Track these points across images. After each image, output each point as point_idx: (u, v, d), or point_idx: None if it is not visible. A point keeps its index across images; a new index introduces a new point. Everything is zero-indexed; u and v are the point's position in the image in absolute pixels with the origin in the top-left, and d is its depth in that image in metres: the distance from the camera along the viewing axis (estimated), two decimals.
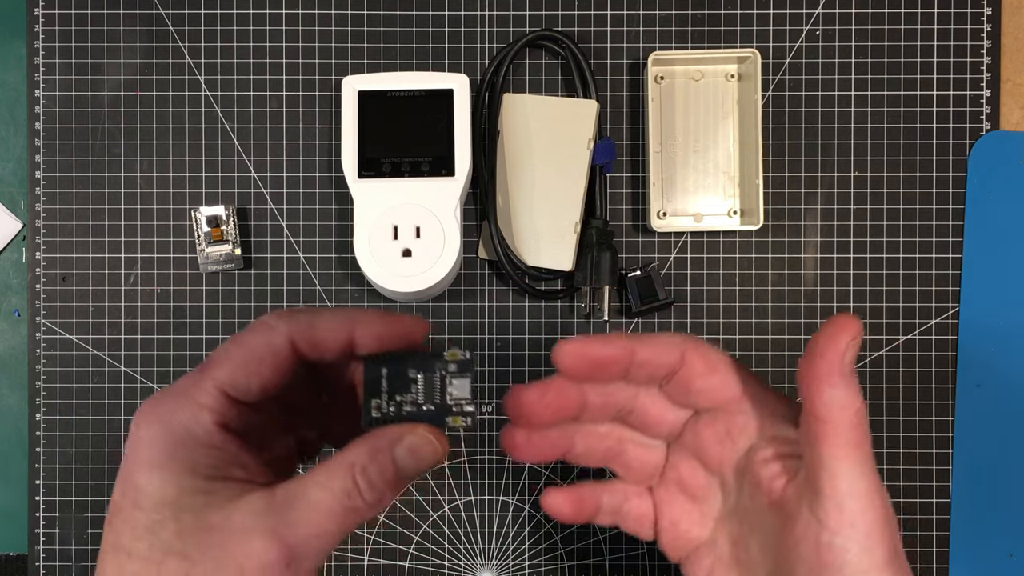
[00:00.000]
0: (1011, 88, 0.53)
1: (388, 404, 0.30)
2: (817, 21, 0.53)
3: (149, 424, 0.27)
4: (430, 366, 0.30)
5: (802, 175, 0.53)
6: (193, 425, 0.27)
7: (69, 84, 0.53)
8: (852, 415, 0.28)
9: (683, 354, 0.31)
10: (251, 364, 0.28)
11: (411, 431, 0.29)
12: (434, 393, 0.30)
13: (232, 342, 0.28)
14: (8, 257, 0.54)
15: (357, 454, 0.28)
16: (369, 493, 0.27)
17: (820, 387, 0.28)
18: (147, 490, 0.26)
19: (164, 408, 0.27)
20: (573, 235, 0.51)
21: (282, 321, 0.29)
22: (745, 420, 0.32)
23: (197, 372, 0.28)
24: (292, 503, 0.27)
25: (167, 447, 0.27)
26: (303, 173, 0.53)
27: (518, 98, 0.52)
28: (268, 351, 0.28)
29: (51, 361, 0.53)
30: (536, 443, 0.32)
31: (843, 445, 0.28)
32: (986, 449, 0.52)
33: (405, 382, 0.30)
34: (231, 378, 0.28)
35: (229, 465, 0.28)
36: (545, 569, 0.53)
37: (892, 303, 0.53)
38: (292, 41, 0.53)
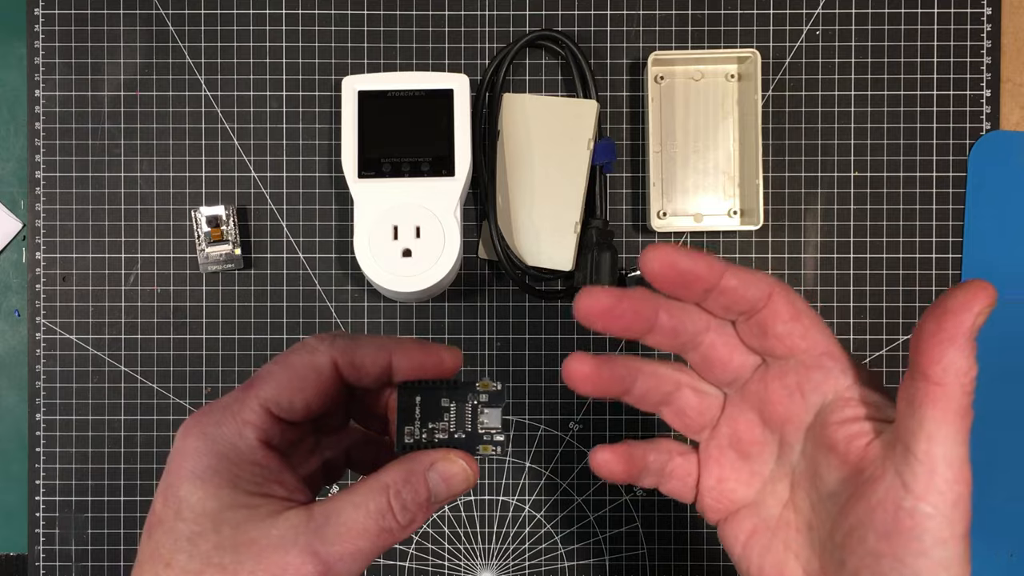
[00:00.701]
0: (1011, 88, 0.53)
1: (421, 431, 0.31)
2: (817, 21, 0.53)
3: (195, 437, 0.28)
4: (462, 396, 0.31)
5: (802, 175, 0.53)
6: (237, 440, 0.28)
7: (69, 84, 0.53)
8: (967, 383, 0.27)
9: (771, 294, 0.30)
10: (295, 383, 0.29)
11: (445, 457, 0.30)
12: (465, 422, 0.31)
13: (277, 362, 0.30)
14: (8, 257, 0.54)
15: (393, 476, 0.29)
16: (402, 515, 0.28)
17: (943, 348, 0.27)
18: (190, 501, 0.27)
19: (210, 422, 0.28)
20: (573, 235, 0.51)
21: (325, 343, 0.30)
22: (821, 376, 0.30)
23: (243, 388, 0.29)
24: (329, 520, 0.28)
25: (211, 460, 0.28)
26: (303, 173, 0.53)
27: (518, 98, 0.52)
28: (312, 371, 0.29)
29: (51, 361, 0.53)
30: (601, 375, 0.31)
31: (951, 411, 0.27)
32: (985, 449, 0.52)
33: (438, 410, 0.31)
34: (275, 396, 0.29)
35: (270, 482, 0.28)
36: (545, 569, 0.53)
37: (892, 303, 0.53)
38: (292, 41, 0.53)
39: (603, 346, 0.53)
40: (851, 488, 0.29)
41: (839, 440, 0.29)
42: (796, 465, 0.31)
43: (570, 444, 0.53)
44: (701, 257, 0.30)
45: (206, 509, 0.27)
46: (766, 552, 0.31)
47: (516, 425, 0.53)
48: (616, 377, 0.32)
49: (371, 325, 0.53)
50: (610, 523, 0.53)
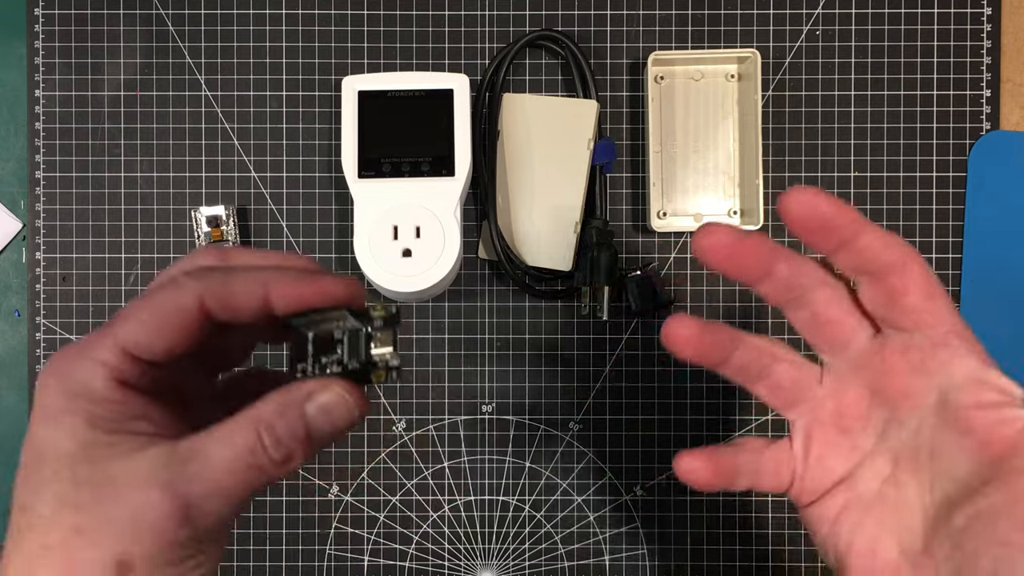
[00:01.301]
0: (1011, 88, 0.53)
1: (313, 367, 0.28)
2: (817, 21, 0.53)
3: (49, 379, 0.26)
4: (354, 324, 0.28)
5: (802, 175, 0.53)
6: (90, 379, 0.26)
7: (69, 84, 0.53)
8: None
9: (906, 262, 0.29)
10: (156, 322, 0.26)
11: (325, 387, 0.27)
12: (360, 351, 0.28)
13: (142, 297, 0.27)
14: (8, 257, 0.54)
15: (264, 409, 0.26)
16: (275, 450, 0.26)
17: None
18: (47, 443, 0.26)
19: (63, 363, 0.27)
20: (573, 235, 0.51)
21: (192, 279, 0.27)
22: (948, 355, 0.29)
23: (102, 329, 0.27)
24: (193, 456, 0.26)
25: (64, 401, 0.26)
26: (303, 173, 0.53)
27: (518, 98, 0.52)
28: (175, 311, 0.27)
29: None
30: (704, 340, 0.30)
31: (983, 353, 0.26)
32: None
33: (331, 343, 0.28)
34: (134, 337, 0.26)
35: (132, 419, 0.26)
36: (545, 569, 0.53)
37: None
38: (292, 41, 0.53)
39: (601, 335, 0.53)
40: (988, 474, 0.28)
41: (979, 425, 0.28)
42: (906, 442, 0.30)
43: (570, 444, 0.53)
44: (845, 206, 0.29)
45: (63, 451, 0.26)
46: (857, 528, 0.30)
47: (516, 425, 0.53)
48: (719, 343, 0.31)
49: None
50: (610, 523, 0.53)
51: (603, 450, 0.53)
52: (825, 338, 0.31)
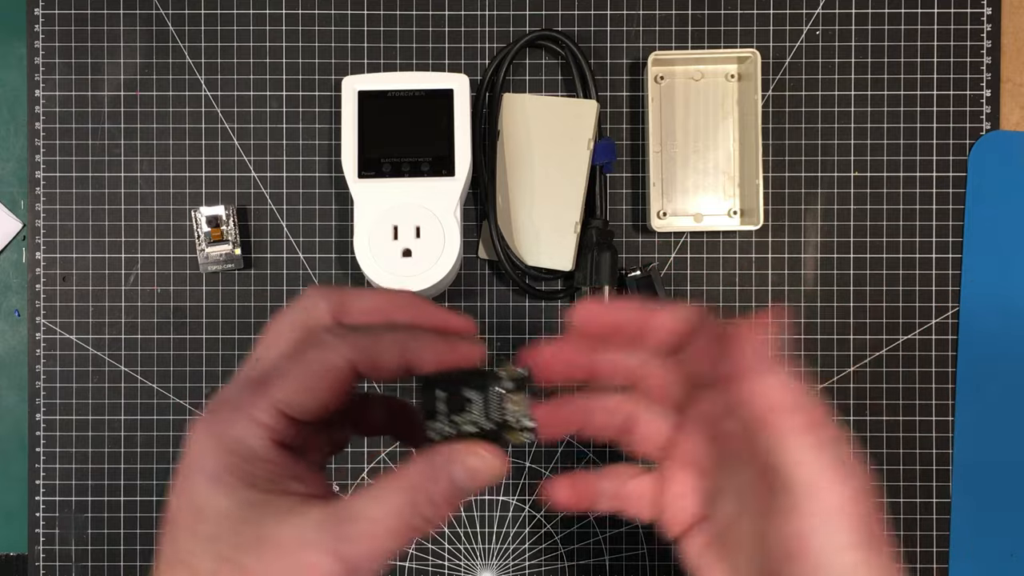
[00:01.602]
0: (1011, 88, 0.53)
1: (447, 425, 0.29)
2: (817, 21, 0.53)
3: (206, 438, 0.27)
4: (487, 384, 0.30)
5: (802, 175, 0.53)
6: (250, 441, 0.27)
7: (69, 84, 0.53)
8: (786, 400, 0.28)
9: (695, 327, 0.31)
10: (310, 384, 0.27)
11: (471, 451, 0.28)
12: (493, 411, 0.30)
13: (292, 359, 0.28)
14: (8, 257, 0.54)
15: (417, 472, 0.28)
16: (428, 510, 0.27)
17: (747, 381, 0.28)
18: (207, 502, 0.27)
19: (220, 422, 0.27)
20: (573, 235, 0.51)
21: (342, 341, 0.28)
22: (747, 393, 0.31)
23: (254, 386, 0.28)
24: (351, 518, 0.27)
25: (225, 462, 0.27)
26: (303, 173, 0.53)
27: (518, 98, 0.52)
28: (328, 372, 0.28)
29: (51, 361, 0.53)
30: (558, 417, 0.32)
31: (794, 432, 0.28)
32: (986, 449, 0.52)
33: (462, 402, 0.30)
34: (289, 398, 0.27)
35: (287, 479, 0.28)
36: (545, 569, 0.53)
37: (892, 303, 0.53)
38: (292, 41, 0.53)
39: None
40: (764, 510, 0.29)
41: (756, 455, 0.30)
42: (742, 481, 0.32)
43: (570, 444, 0.53)
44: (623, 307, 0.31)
45: (224, 509, 0.26)
46: (717, 562, 0.32)
47: None
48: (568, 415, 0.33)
49: None
50: (610, 523, 0.53)
51: (603, 450, 0.53)
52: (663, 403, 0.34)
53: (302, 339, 0.29)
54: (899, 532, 0.52)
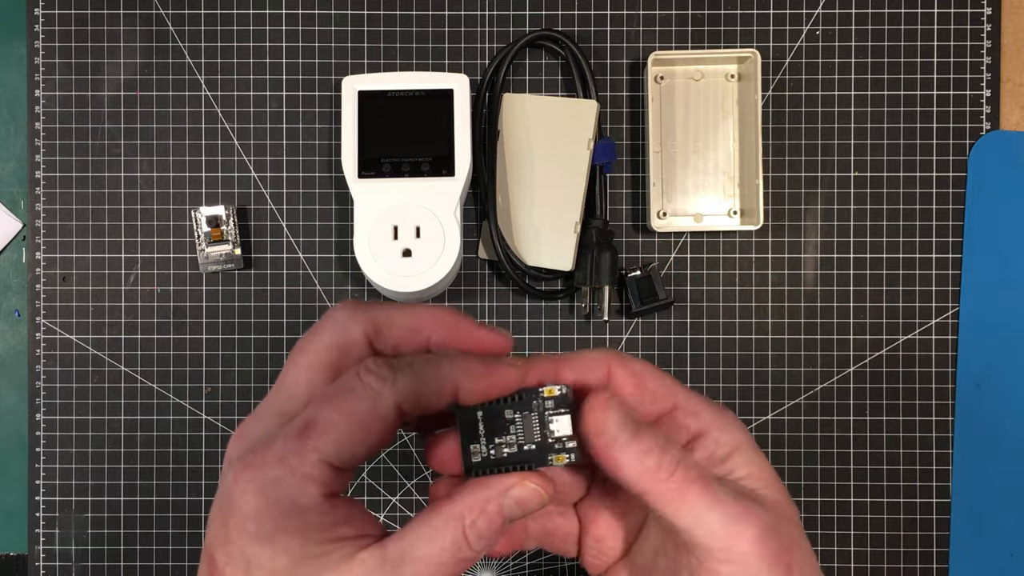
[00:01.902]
0: (1011, 88, 0.53)
1: (488, 448, 0.29)
2: (817, 21, 0.53)
3: (252, 495, 0.26)
4: (525, 404, 0.29)
5: (802, 175, 0.53)
6: (300, 497, 0.26)
7: (69, 84, 0.53)
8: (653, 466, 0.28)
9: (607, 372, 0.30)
10: (358, 436, 0.27)
11: (519, 483, 0.28)
12: (534, 432, 0.29)
13: (335, 409, 0.27)
14: (8, 257, 0.54)
15: (467, 507, 0.27)
16: (478, 544, 0.27)
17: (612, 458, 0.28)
18: (259, 561, 0.26)
19: (267, 478, 0.26)
20: (573, 235, 0.51)
21: (388, 387, 0.27)
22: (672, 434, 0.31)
23: (297, 439, 0.27)
24: (405, 559, 0.27)
25: (276, 521, 0.26)
26: (303, 173, 0.53)
27: (518, 98, 0.52)
28: (374, 420, 0.27)
29: (51, 361, 0.53)
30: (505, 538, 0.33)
31: (675, 499, 0.28)
32: (986, 449, 0.52)
33: (502, 423, 0.29)
34: (337, 450, 0.26)
35: (338, 526, 0.27)
36: (545, 569, 0.53)
37: (892, 303, 0.53)
38: (292, 41, 0.53)
39: (601, 335, 0.53)
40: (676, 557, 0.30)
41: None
42: (653, 527, 0.32)
43: None
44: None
45: (278, 566, 0.26)
46: None
47: None
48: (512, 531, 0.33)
49: None
50: None
51: None
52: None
53: (339, 370, 0.28)
54: (899, 532, 0.52)
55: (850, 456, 0.52)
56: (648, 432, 0.28)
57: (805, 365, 0.53)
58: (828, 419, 0.53)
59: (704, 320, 0.53)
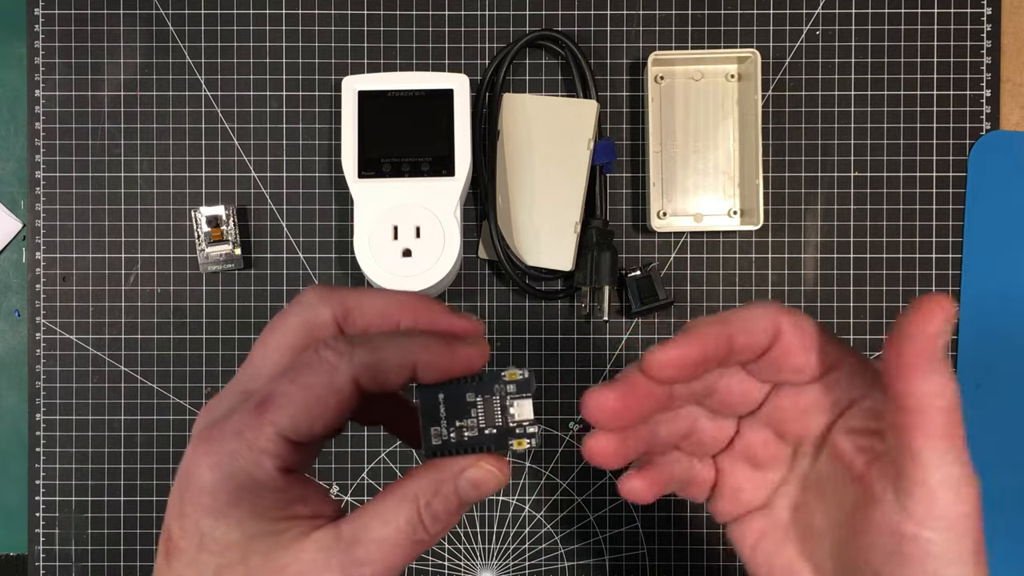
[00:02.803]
0: (1011, 88, 0.53)
1: (448, 431, 0.28)
2: (817, 21, 0.53)
3: (208, 468, 0.26)
4: (488, 388, 0.29)
5: (802, 175, 0.53)
6: (255, 471, 0.26)
7: (69, 84, 0.53)
8: (946, 404, 0.27)
9: (776, 331, 0.30)
10: (314, 408, 0.26)
11: (474, 464, 0.28)
12: (495, 416, 0.29)
13: (292, 381, 0.27)
14: (8, 257, 0.54)
15: (421, 487, 0.27)
16: (433, 526, 0.27)
17: (909, 376, 0.27)
18: (213, 535, 0.26)
19: (223, 452, 0.26)
20: (573, 235, 0.51)
21: (344, 360, 0.27)
22: (835, 391, 0.30)
23: (255, 411, 0.26)
24: (359, 539, 0.27)
25: (230, 494, 0.26)
26: (303, 173, 0.53)
27: (518, 98, 0.52)
28: (331, 393, 0.27)
29: (51, 361, 0.53)
30: (626, 449, 0.31)
31: (937, 436, 0.26)
32: (986, 449, 0.52)
33: (464, 406, 0.29)
34: (293, 424, 0.26)
35: (293, 503, 0.27)
36: (545, 569, 0.53)
37: (892, 303, 0.53)
38: (292, 41, 0.53)
39: (601, 335, 0.53)
40: (858, 501, 0.29)
41: (846, 453, 0.30)
42: (812, 472, 0.31)
43: (570, 444, 0.53)
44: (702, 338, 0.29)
45: (231, 540, 0.26)
46: (776, 553, 0.32)
47: None
48: (636, 444, 0.31)
49: None
50: (610, 523, 0.53)
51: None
52: (734, 410, 0.32)
53: (302, 351, 0.28)
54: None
55: None
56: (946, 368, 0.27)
57: None
58: None
59: None
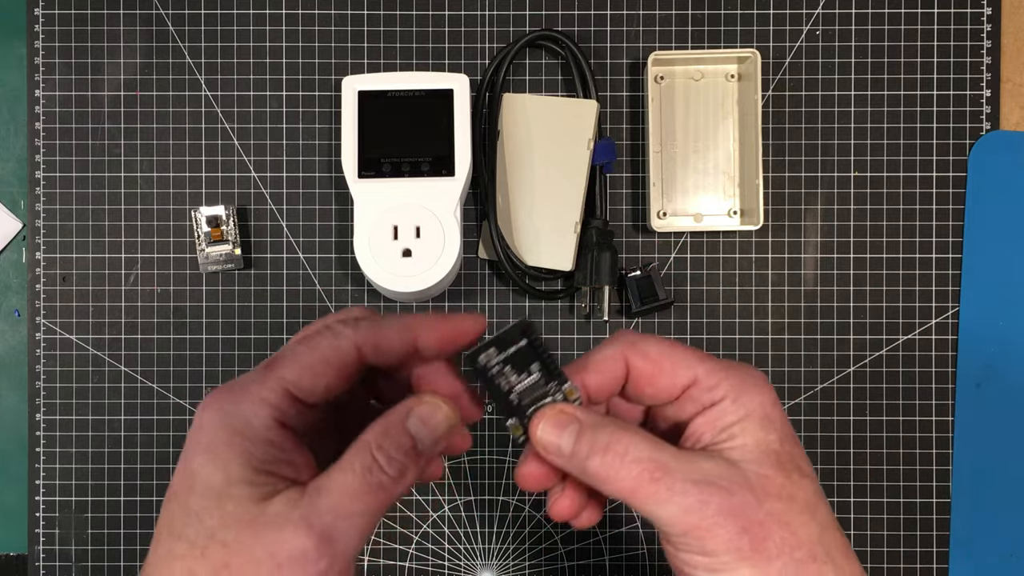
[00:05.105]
0: (1011, 88, 0.53)
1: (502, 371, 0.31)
2: (817, 21, 0.53)
3: (211, 411, 0.28)
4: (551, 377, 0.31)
5: (802, 175, 0.53)
6: (252, 417, 0.28)
7: (69, 84, 0.53)
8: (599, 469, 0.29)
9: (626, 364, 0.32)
10: (318, 366, 0.29)
11: (419, 401, 0.30)
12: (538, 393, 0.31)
13: (300, 342, 0.29)
14: (8, 257, 0.54)
15: (372, 432, 0.29)
16: (390, 467, 0.28)
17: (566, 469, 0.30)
18: (200, 474, 0.28)
19: (228, 398, 0.28)
20: (573, 235, 0.51)
21: (349, 327, 0.30)
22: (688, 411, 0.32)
23: (265, 367, 0.29)
24: (320, 491, 0.28)
25: (224, 435, 0.28)
26: (303, 173, 0.53)
27: (518, 98, 0.52)
28: (335, 355, 0.29)
29: (51, 361, 0.53)
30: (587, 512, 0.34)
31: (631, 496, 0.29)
32: (986, 449, 0.52)
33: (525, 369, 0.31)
34: (297, 378, 0.29)
35: (279, 462, 0.28)
36: (545, 569, 0.53)
37: (892, 303, 0.53)
38: (292, 41, 0.53)
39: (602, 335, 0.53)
40: None
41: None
42: None
43: None
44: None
45: (214, 483, 0.27)
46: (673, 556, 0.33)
47: None
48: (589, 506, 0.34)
49: None
50: (610, 523, 0.53)
51: None
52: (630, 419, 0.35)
53: (316, 330, 0.30)
54: (899, 532, 0.52)
55: (850, 456, 0.52)
56: (587, 433, 0.29)
57: (805, 365, 0.53)
58: (828, 419, 0.53)
59: (704, 320, 0.53)
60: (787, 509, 0.28)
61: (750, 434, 0.30)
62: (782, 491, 0.29)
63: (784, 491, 0.29)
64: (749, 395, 0.30)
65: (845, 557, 0.29)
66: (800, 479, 0.29)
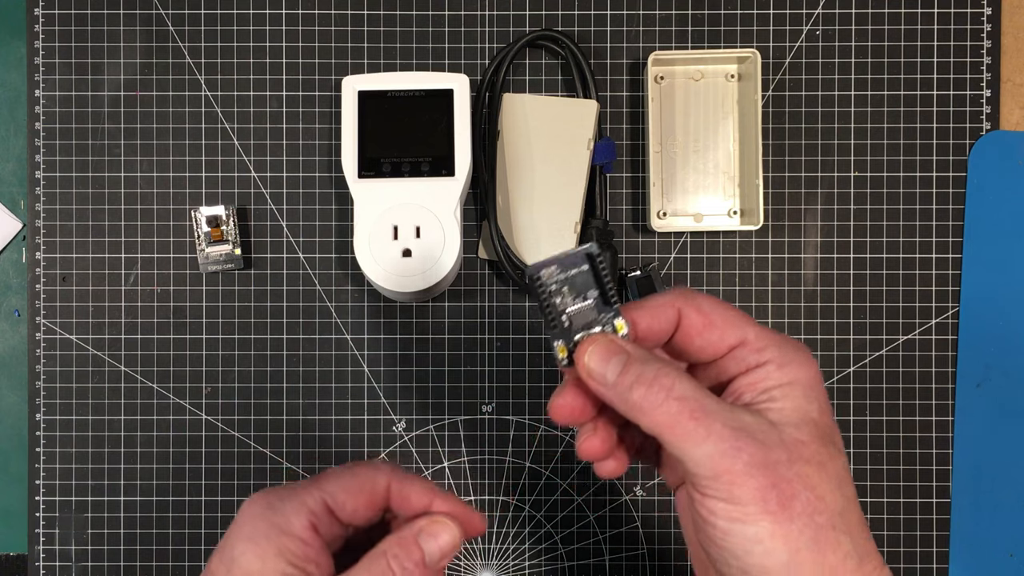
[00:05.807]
0: (1011, 88, 0.53)
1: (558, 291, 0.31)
2: (817, 21, 0.53)
3: (258, 505, 0.32)
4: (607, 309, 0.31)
5: (802, 175, 0.53)
6: (293, 516, 0.32)
7: (69, 84, 0.53)
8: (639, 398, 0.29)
9: (679, 314, 0.32)
10: (353, 487, 0.33)
11: (432, 520, 0.33)
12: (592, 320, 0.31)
13: (345, 465, 0.34)
14: (8, 257, 0.54)
15: (388, 542, 0.33)
16: (401, 574, 0.32)
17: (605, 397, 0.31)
18: (239, 561, 0.31)
19: (276, 496, 0.32)
20: (573, 235, 0.51)
21: (387, 467, 0.34)
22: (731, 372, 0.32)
23: (313, 479, 0.34)
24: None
25: (266, 527, 0.31)
26: (303, 173, 0.53)
27: (518, 98, 0.52)
28: (370, 483, 0.34)
29: (51, 361, 0.53)
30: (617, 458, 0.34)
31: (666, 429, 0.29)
32: (986, 449, 0.52)
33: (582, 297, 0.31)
34: (334, 493, 0.33)
35: (309, 561, 0.32)
36: (545, 569, 0.53)
37: (892, 303, 0.53)
38: (292, 41, 0.53)
39: None
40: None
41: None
42: None
43: (570, 444, 0.53)
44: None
45: (251, 570, 0.31)
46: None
47: (516, 425, 0.53)
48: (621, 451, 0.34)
49: (371, 325, 0.53)
50: (610, 523, 0.53)
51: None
52: None
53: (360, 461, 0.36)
54: (899, 532, 0.52)
55: (850, 456, 0.52)
56: (635, 365, 0.30)
57: None
58: None
59: None
60: (816, 475, 0.29)
61: (791, 400, 0.30)
62: (814, 457, 0.29)
63: (816, 458, 0.29)
64: (795, 364, 0.31)
65: (863, 535, 0.30)
66: (834, 451, 0.30)
